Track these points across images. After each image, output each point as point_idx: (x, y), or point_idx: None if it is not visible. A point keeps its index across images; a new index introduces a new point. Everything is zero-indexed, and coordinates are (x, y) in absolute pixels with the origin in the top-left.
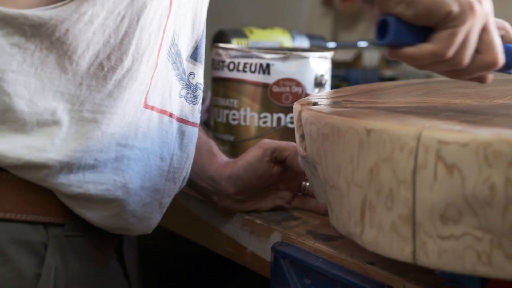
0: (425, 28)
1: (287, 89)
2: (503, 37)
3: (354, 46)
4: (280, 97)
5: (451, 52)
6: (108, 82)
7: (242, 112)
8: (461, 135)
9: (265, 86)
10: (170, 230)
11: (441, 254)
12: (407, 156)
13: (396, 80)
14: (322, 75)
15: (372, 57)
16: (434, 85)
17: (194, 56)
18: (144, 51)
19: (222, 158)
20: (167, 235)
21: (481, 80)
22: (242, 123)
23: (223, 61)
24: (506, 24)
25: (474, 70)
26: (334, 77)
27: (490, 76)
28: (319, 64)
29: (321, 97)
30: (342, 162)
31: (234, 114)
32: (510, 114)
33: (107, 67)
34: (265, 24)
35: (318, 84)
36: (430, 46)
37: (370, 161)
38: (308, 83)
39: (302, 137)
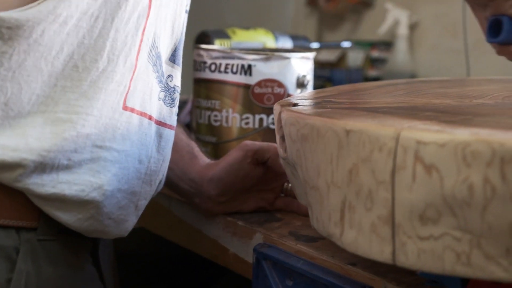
0: None
1: (269, 90)
2: None
3: (337, 46)
4: (262, 98)
5: None
6: (83, 83)
7: (224, 113)
8: (440, 135)
9: (247, 87)
10: (152, 232)
11: (420, 255)
12: (386, 157)
13: (380, 80)
14: (304, 76)
15: (356, 58)
16: (416, 85)
17: (172, 58)
18: (120, 52)
19: (204, 160)
20: (150, 237)
21: None
22: (224, 124)
23: (205, 62)
24: None
25: None
26: (318, 77)
27: None
28: (301, 65)
29: (302, 97)
30: (322, 163)
31: (216, 116)
32: (490, 114)
33: (82, 68)
34: (250, 25)
35: (300, 84)
36: None
37: (350, 162)
38: (290, 84)
39: (283, 138)
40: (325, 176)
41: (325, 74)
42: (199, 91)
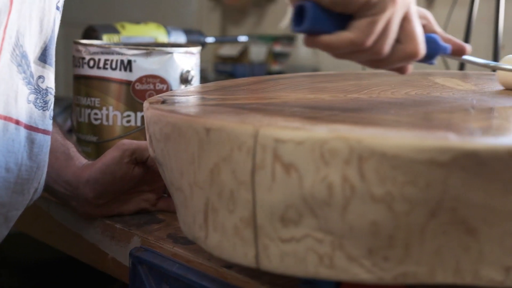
0: (344, 15)
1: (151, 86)
2: (424, 27)
3: (234, 40)
4: (144, 94)
5: (370, 41)
6: None
7: (104, 111)
8: (297, 132)
9: (128, 83)
10: (32, 237)
11: (283, 258)
12: (245, 156)
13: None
14: (188, 71)
15: (259, 52)
16: (297, 80)
17: (43, 58)
18: None
19: (80, 161)
20: (30, 242)
21: (401, 70)
22: (105, 122)
23: (83, 58)
24: (428, 14)
25: (395, 60)
26: (220, 72)
27: (410, 67)
28: (185, 60)
29: (173, 94)
30: (184, 163)
31: (96, 114)
32: (358, 109)
33: None
34: (154, 20)
35: (184, 80)
36: (348, 34)
37: (211, 161)
38: (173, 80)
39: (150, 137)
40: (188, 177)
41: (227, 69)
42: (79, 89)
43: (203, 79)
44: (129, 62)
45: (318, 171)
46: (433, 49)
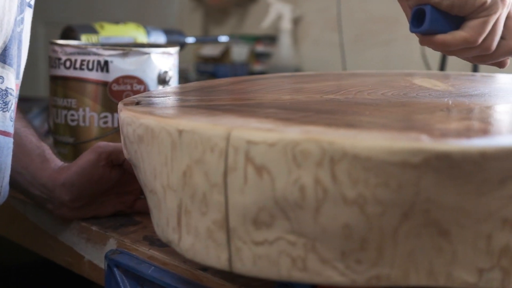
0: (457, 17)
1: (128, 87)
2: None
3: (215, 40)
4: (121, 95)
5: (481, 39)
6: None
7: (81, 112)
8: (269, 134)
9: (105, 84)
10: (8, 239)
11: (256, 261)
12: (217, 158)
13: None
14: (166, 72)
15: (240, 52)
16: (275, 80)
17: (2, 58)
18: None
19: (56, 163)
20: (5, 245)
21: (502, 64)
22: (82, 124)
23: (59, 59)
24: None
25: (499, 55)
26: (202, 73)
27: (508, 61)
28: (163, 60)
29: (148, 95)
30: (158, 165)
31: (72, 115)
32: (332, 110)
33: None
34: (136, 21)
35: (162, 81)
36: (463, 34)
37: (183, 163)
38: (151, 81)
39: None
40: (161, 179)
41: (209, 70)
42: (56, 90)
43: (184, 79)
44: (106, 62)
45: (290, 173)
46: None
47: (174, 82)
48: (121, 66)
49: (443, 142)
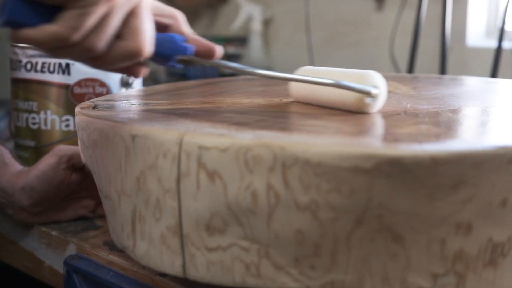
0: (54, 8)
1: (90, 90)
2: (171, 26)
3: None
4: (83, 98)
5: (78, 35)
6: None
7: (42, 115)
8: (221, 139)
9: (66, 87)
10: None
11: (209, 267)
12: (170, 163)
13: (235, 76)
14: None
15: None
16: (237, 83)
17: None
18: None
19: (15, 167)
20: None
21: (131, 72)
22: (43, 127)
23: (20, 61)
24: (177, 13)
25: (115, 59)
26: (172, 74)
27: (144, 70)
28: None
29: (107, 99)
30: (112, 171)
31: (34, 118)
32: (289, 115)
33: None
34: None
35: (125, 83)
36: (52, 28)
37: (137, 169)
38: (113, 83)
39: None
40: (115, 185)
41: (179, 71)
42: (17, 92)
43: (154, 81)
44: (67, 65)
45: (243, 179)
46: (171, 49)
47: (137, 85)
48: (83, 68)
49: (394, 147)
